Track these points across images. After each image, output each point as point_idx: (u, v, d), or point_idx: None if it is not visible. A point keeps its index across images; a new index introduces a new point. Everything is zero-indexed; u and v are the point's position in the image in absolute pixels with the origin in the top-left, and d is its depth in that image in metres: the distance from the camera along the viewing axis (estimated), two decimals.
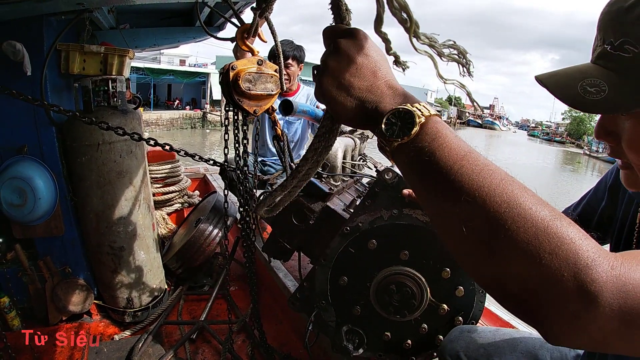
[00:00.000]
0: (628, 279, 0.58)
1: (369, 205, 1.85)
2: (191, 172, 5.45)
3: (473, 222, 0.63)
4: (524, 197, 0.62)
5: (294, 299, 2.10)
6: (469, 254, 0.67)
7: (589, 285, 0.57)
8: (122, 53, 2.76)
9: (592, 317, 0.58)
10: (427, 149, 0.68)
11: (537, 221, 0.60)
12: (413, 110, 0.71)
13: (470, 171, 0.64)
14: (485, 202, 0.62)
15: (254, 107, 1.78)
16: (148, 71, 35.08)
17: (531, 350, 1.57)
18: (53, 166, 2.65)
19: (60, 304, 2.80)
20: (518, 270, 0.60)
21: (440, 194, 0.67)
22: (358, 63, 0.78)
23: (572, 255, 0.58)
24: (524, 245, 0.59)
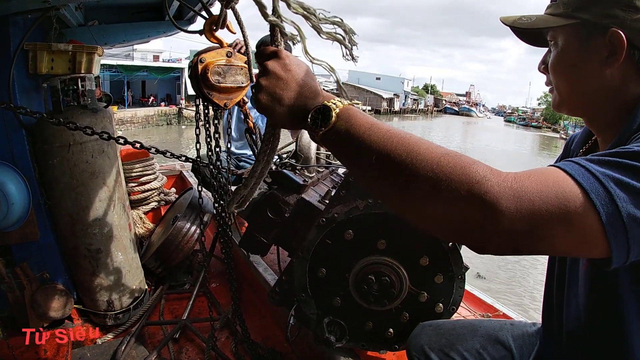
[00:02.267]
0: (521, 187, 0.71)
1: (344, 196, 1.85)
2: (167, 169, 5.38)
3: (386, 174, 0.81)
4: (419, 145, 0.79)
5: (273, 293, 2.09)
6: (396, 201, 0.84)
7: (484, 196, 0.70)
8: (90, 50, 2.70)
9: (496, 223, 0.70)
10: (343, 129, 0.88)
11: (431, 158, 0.75)
12: (329, 105, 0.91)
13: (375, 137, 0.83)
14: (390, 156, 0.80)
15: (224, 100, 1.76)
16: (121, 68, 34.49)
17: (491, 332, 1.63)
18: (25, 170, 2.59)
19: (40, 310, 2.75)
20: (430, 200, 0.76)
21: (360, 159, 0.86)
22: (284, 78, 0.97)
23: (465, 176, 0.72)
24: (426, 179, 0.75)
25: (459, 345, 1.60)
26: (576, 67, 1.08)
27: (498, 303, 2.80)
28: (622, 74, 1.02)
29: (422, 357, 1.62)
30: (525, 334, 1.60)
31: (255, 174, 1.16)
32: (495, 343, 1.59)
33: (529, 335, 1.59)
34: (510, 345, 1.58)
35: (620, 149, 0.80)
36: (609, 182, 0.72)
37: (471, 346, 1.59)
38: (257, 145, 2.15)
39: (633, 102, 1.02)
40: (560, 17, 1.08)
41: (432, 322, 1.78)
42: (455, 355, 1.57)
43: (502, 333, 1.62)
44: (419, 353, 1.63)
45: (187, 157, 2.23)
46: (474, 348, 1.58)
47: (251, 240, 2.16)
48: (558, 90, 1.15)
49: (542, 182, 0.72)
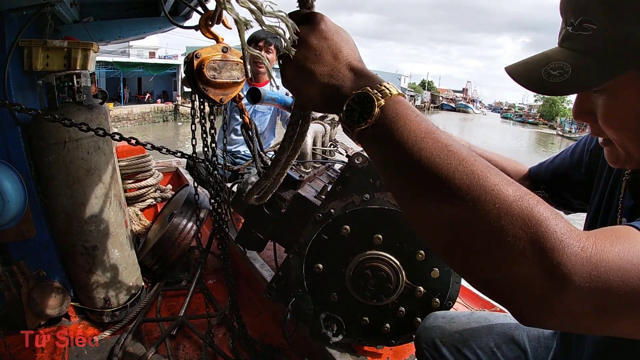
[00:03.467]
0: (600, 261, 0.57)
1: (340, 191, 1.84)
2: (163, 165, 5.36)
3: (434, 205, 0.63)
4: (485, 176, 0.60)
5: (270, 289, 2.09)
6: (435, 239, 0.66)
7: (557, 269, 0.56)
8: (85, 47, 2.68)
9: (561, 300, 0.57)
10: (387, 133, 0.67)
11: (499, 202, 0.58)
12: (373, 94, 0.70)
13: (429, 153, 0.63)
14: (446, 183, 0.61)
15: (220, 96, 1.76)
16: (117, 65, 34.32)
17: (507, 331, 1.58)
18: (20, 167, 2.57)
19: (37, 308, 2.74)
20: (483, 253, 0.60)
21: (401, 177, 0.67)
22: (317, 49, 0.77)
23: (538, 237, 0.56)
24: (486, 227, 0.58)
25: (473, 342, 1.55)
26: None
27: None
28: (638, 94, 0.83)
29: (432, 350, 1.58)
30: (541, 336, 1.55)
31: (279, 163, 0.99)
32: (510, 342, 1.54)
33: (545, 337, 1.55)
34: (526, 347, 1.53)
35: None
36: None
37: (485, 344, 1.54)
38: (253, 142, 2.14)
39: None
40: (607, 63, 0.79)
41: (444, 313, 1.74)
42: (468, 352, 1.53)
43: (518, 332, 1.57)
44: (429, 346, 1.59)
45: (183, 153, 2.22)
46: (488, 346, 1.54)
47: (247, 236, 2.16)
48: (625, 148, 0.90)
49: (626, 253, 0.58)
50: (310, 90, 0.79)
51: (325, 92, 0.77)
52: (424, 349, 1.61)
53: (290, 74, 0.80)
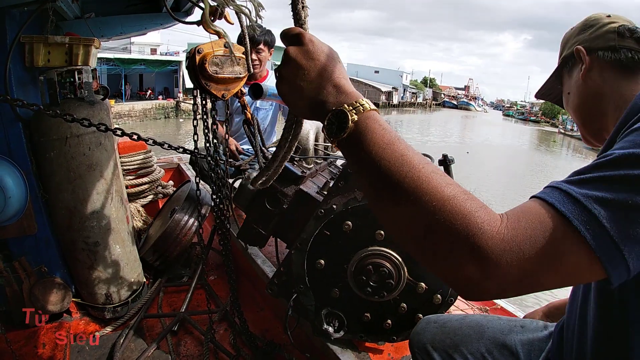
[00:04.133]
0: (512, 237, 0.69)
1: (342, 187, 1.84)
2: (164, 162, 5.37)
3: (388, 201, 0.78)
4: (429, 179, 0.74)
5: (271, 285, 2.09)
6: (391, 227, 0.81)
7: (478, 252, 0.68)
8: (87, 43, 2.68)
9: (489, 278, 0.69)
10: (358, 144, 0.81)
11: (436, 200, 0.72)
12: (348, 110, 0.83)
13: (387, 161, 0.77)
14: (397, 186, 0.76)
15: (222, 91, 1.75)
16: (118, 62, 34.30)
17: (499, 336, 1.57)
18: (22, 163, 2.57)
19: (39, 304, 2.74)
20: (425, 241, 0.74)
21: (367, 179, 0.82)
22: (305, 68, 0.89)
23: (464, 228, 0.69)
24: (427, 220, 0.72)
25: (464, 347, 1.55)
26: (570, 92, 1.32)
27: None
28: (600, 74, 1.23)
29: (424, 355, 1.59)
30: (535, 339, 1.54)
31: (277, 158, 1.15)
32: (502, 348, 1.54)
33: (538, 341, 1.53)
34: (518, 352, 1.52)
35: (600, 159, 0.77)
36: (591, 204, 0.69)
37: (476, 349, 1.54)
38: (255, 137, 2.14)
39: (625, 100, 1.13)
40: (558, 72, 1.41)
41: (437, 317, 1.75)
42: (459, 358, 1.53)
43: (510, 337, 1.56)
44: (421, 351, 1.61)
45: (185, 149, 2.22)
46: (478, 351, 1.54)
47: (249, 232, 2.16)
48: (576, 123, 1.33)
49: (530, 225, 0.70)
50: (300, 104, 0.92)
51: (312, 106, 0.90)
52: (417, 354, 1.63)
53: (284, 89, 0.93)
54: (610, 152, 0.76)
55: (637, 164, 0.71)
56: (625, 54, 1.20)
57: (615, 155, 0.74)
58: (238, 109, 4.11)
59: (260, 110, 4.25)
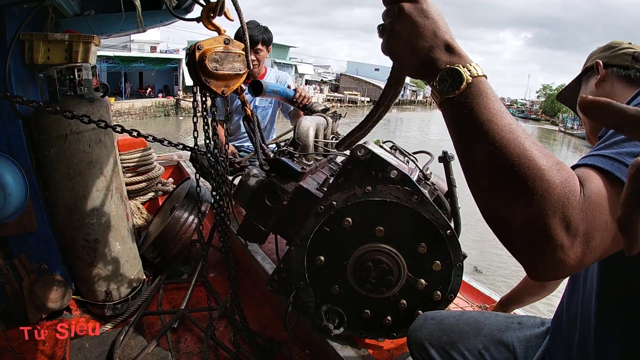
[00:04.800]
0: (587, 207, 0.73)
1: (342, 183, 1.84)
2: (164, 159, 5.36)
3: (489, 165, 0.80)
4: (529, 150, 0.77)
5: (271, 281, 2.09)
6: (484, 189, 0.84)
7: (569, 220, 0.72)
8: (86, 40, 2.68)
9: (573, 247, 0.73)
10: (468, 105, 0.83)
11: (535, 169, 0.75)
12: (463, 72, 0.85)
13: (495, 126, 0.80)
14: (502, 150, 0.78)
15: (222, 88, 1.76)
16: (118, 59, 34.35)
17: (496, 333, 1.60)
18: (22, 161, 2.57)
19: (39, 301, 2.75)
20: (517, 206, 0.77)
21: (471, 139, 0.84)
22: (420, 25, 0.90)
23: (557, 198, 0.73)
24: (524, 187, 0.75)
25: (461, 344, 1.57)
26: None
27: (495, 295, 2.80)
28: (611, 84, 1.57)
29: (421, 352, 1.60)
30: (532, 336, 1.57)
31: (373, 117, 1.17)
32: (499, 344, 1.56)
33: (536, 337, 1.56)
34: (515, 348, 1.54)
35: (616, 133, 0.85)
36: (624, 158, 0.78)
37: (473, 346, 1.56)
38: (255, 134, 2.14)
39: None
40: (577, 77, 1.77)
41: (434, 313, 1.76)
42: (456, 354, 1.55)
43: (507, 334, 1.59)
44: (418, 348, 1.62)
45: (185, 145, 2.22)
46: (475, 348, 1.56)
47: (249, 229, 2.16)
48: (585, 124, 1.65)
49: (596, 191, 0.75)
50: (411, 60, 0.93)
51: (424, 63, 0.91)
52: (414, 350, 1.64)
53: (394, 45, 0.94)
54: None
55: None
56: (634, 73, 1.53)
57: None
58: (238, 108, 4.11)
59: (258, 108, 4.25)
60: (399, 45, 0.93)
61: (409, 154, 2.50)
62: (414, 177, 1.95)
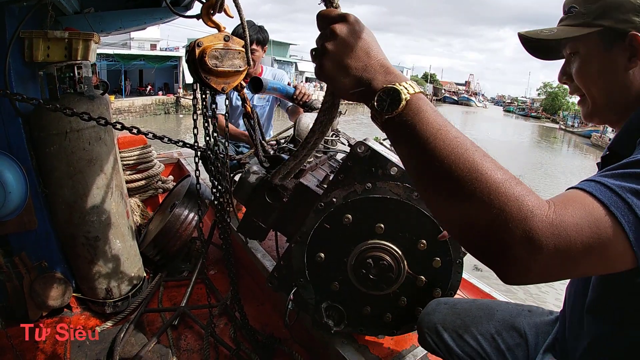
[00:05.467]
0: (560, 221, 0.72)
1: (342, 180, 1.84)
2: (164, 157, 5.35)
3: (442, 182, 0.79)
4: (482, 163, 0.76)
5: (272, 278, 2.09)
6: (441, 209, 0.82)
7: (529, 233, 0.71)
8: (86, 37, 2.67)
9: (535, 259, 0.72)
10: (410, 123, 0.82)
11: (489, 183, 0.74)
12: (400, 89, 0.83)
13: (442, 142, 0.78)
14: (451, 167, 0.77)
15: (222, 85, 1.75)
16: (118, 57, 34.30)
17: (508, 318, 1.61)
18: (22, 158, 2.56)
19: (39, 299, 2.74)
20: (476, 222, 0.75)
21: (418, 159, 0.82)
22: (353, 46, 0.89)
23: (516, 210, 0.72)
24: (480, 202, 0.74)
25: (474, 327, 1.58)
26: (603, 72, 1.15)
27: (495, 292, 2.80)
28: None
29: (434, 335, 1.61)
30: (542, 323, 1.58)
31: (307, 145, 1.13)
32: (510, 329, 1.58)
33: (545, 324, 1.57)
34: (526, 333, 1.56)
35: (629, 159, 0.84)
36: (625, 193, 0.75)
37: (486, 330, 1.58)
38: (255, 130, 2.13)
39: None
40: (580, 27, 1.16)
41: (447, 299, 1.77)
42: (469, 338, 1.56)
43: (519, 319, 1.60)
44: (431, 331, 1.62)
45: (185, 142, 2.22)
46: (488, 332, 1.57)
47: (249, 226, 2.16)
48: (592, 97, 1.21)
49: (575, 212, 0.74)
50: (346, 82, 0.91)
51: (359, 83, 0.89)
52: (426, 334, 1.63)
53: (328, 66, 0.91)
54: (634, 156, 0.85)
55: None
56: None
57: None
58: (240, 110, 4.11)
59: (257, 107, 4.25)
60: (331, 66, 0.91)
61: None
62: None
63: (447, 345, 1.57)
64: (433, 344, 1.61)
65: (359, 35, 0.90)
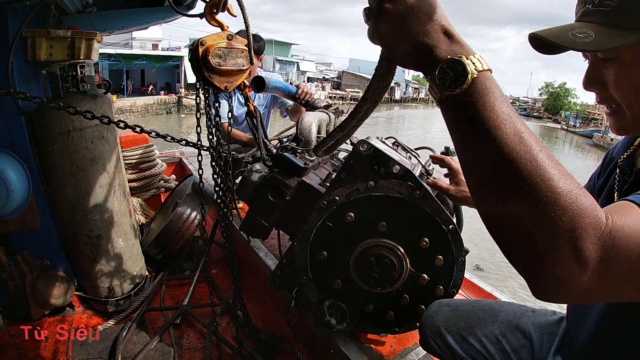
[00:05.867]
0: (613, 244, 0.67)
1: (344, 178, 1.84)
2: (167, 156, 5.36)
3: (497, 179, 0.72)
4: (545, 168, 0.68)
5: (274, 277, 2.10)
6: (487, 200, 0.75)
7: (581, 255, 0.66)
8: (89, 36, 2.68)
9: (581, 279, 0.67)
10: (473, 105, 0.72)
11: (550, 192, 0.67)
12: (467, 64, 0.73)
13: (506, 135, 0.70)
14: (512, 165, 0.69)
15: (225, 83, 1.75)
16: (120, 57, 34.33)
17: (512, 319, 1.58)
18: (24, 157, 2.57)
19: (42, 298, 2.75)
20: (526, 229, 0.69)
21: (475, 147, 0.74)
22: (414, 6, 0.77)
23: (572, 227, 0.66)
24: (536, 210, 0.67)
25: (478, 330, 1.55)
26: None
27: (497, 291, 2.80)
28: None
29: (437, 338, 1.58)
30: (546, 323, 1.57)
31: (357, 114, 1.01)
32: (515, 331, 1.55)
33: (549, 325, 1.56)
34: (531, 334, 1.54)
35: None
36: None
37: (490, 331, 1.55)
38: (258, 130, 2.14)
39: None
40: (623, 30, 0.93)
41: (449, 300, 1.75)
42: (473, 340, 1.53)
43: (523, 320, 1.58)
44: (434, 334, 1.59)
45: (188, 141, 2.22)
46: (492, 334, 1.54)
47: (252, 224, 2.16)
48: (631, 109, 1.02)
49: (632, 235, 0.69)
50: (404, 46, 0.80)
51: (419, 50, 0.79)
52: (429, 337, 1.60)
53: (386, 29, 0.81)
54: None
55: None
56: None
57: None
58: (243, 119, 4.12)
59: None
60: (389, 28, 0.80)
61: (411, 149, 2.50)
62: (416, 172, 1.95)
63: (451, 348, 1.54)
64: (436, 346, 1.58)
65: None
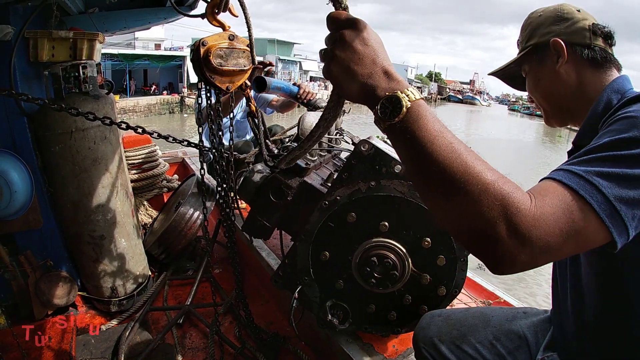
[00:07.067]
0: (541, 213, 0.80)
1: (346, 178, 1.84)
2: (169, 156, 5.35)
3: (437, 183, 0.85)
4: (473, 165, 0.83)
5: (276, 277, 2.10)
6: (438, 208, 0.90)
7: (515, 229, 0.79)
8: (91, 37, 2.69)
9: (521, 251, 0.79)
10: (410, 128, 0.86)
11: (480, 184, 0.81)
12: (402, 97, 0.87)
13: (438, 147, 0.84)
14: (446, 169, 0.83)
15: (226, 84, 1.75)
16: (123, 57, 34.36)
17: (504, 323, 1.62)
18: (27, 158, 2.58)
19: (45, 298, 2.76)
20: (468, 219, 0.83)
21: (416, 161, 0.88)
22: (360, 53, 0.92)
23: (504, 207, 0.80)
24: (472, 200, 0.81)
25: (471, 337, 1.58)
26: (541, 79, 1.43)
27: (499, 290, 2.79)
28: (575, 69, 1.35)
29: (431, 349, 1.60)
30: (539, 322, 1.59)
31: (312, 137, 1.17)
32: (509, 333, 1.58)
33: (542, 322, 1.59)
34: (525, 335, 1.57)
35: (590, 145, 0.96)
36: (591, 177, 0.85)
37: (484, 337, 1.57)
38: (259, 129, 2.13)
39: (595, 92, 1.31)
40: (520, 52, 1.48)
41: (440, 311, 1.77)
42: (467, 348, 1.56)
43: (515, 322, 1.61)
44: (427, 345, 1.62)
45: (190, 142, 2.22)
46: (486, 339, 1.57)
47: (254, 224, 2.16)
48: (542, 107, 1.49)
49: (551, 202, 0.82)
50: (351, 87, 0.94)
51: (364, 89, 0.92)
52: (422, 349, 1.63)
53: (336, 70, 0.94)
54: (598, 140, 0.96)
55: (623, 146, 0.90)
56: (599, 52, 1.33)
57: (604, 141, 0.93)
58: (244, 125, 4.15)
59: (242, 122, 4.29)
60: (339, 71, 0.94)
61: None
62: None
63: (446, 358, 1.57)
64: (431, 358, 1.61)
65: (366, 43, 0.93)
